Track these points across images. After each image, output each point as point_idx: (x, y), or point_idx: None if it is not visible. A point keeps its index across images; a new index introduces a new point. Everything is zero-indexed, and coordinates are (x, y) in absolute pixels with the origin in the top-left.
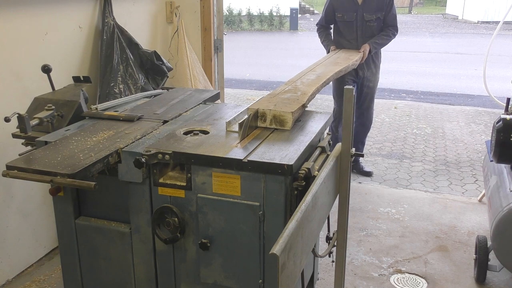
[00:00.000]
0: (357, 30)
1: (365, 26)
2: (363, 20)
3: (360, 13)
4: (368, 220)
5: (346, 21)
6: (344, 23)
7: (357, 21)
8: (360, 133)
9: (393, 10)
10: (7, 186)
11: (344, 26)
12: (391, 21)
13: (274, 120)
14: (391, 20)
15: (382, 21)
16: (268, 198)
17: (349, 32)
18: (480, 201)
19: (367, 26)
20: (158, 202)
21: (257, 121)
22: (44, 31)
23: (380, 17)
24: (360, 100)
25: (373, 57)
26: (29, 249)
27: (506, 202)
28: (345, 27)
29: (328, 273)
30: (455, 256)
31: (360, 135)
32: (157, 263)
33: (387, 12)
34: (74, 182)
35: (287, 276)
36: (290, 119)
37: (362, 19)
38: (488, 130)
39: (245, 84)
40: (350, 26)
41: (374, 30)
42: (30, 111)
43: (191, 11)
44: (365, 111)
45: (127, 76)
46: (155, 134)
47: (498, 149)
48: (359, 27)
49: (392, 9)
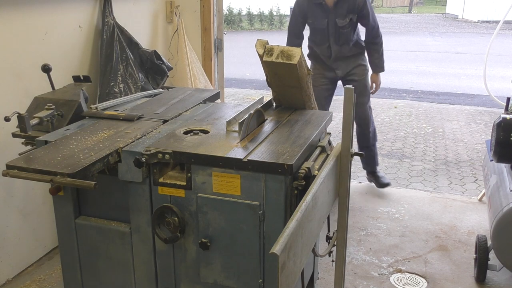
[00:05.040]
0: (329, 37)
1: (338, 33)
2: (336, 27)
3: (332, 20)
4: (368, 219)
5: (317, 28)
6: (315, 30)
7: (329, 28)
8: (359, 135)
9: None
10: (7, 185)
11: (314, 32)
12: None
13: (282, 55)
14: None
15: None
16: (268, 198)
17: (321, 39)
18: (480, 200)
19: (341, 33)
20: (158, 202)
21: (257, 121)
22: (44, 31)
23: (352, 19)
24: None
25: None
26: (29, 249)
27: (506, 201)
28: (316, 33)
29: (328, 273)
30: (455, 256)
31: (359, 137)
32: (157, 262)
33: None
34: (74, 182)
35: (287, 275)
36: (298, 54)
37: (334, 26)
38: (488, 129)
39: (245, 83)
40: (321, 33)
41: (348, 35)
42: (30, 110)
43: (191, 10)
44: (357, 109)
45: (127, 76)
46: (155, 134)
47: (498, 148)
48: (332, 34)
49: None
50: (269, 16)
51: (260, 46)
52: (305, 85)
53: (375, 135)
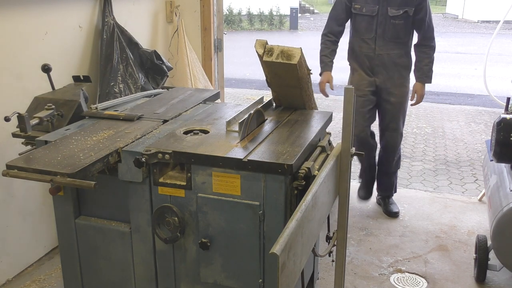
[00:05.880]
0: (377, 27)
1: (388, 24)
2: (386, 16)
3: (383, 7)
4: (368, 219)
5: (364, 15)
6: (362, 17)
7: (379, 16)
8: (381, 158)
9: (426, 7)
10: (7, 185)
11: (361, 21)
12: (425, 29)
13: (281, 55)
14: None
15: (412, 21)
16: (268, 198)
17: (367, 30)
18: (480, 200)
19: (391, 24)
20: (158, 202)
21: (257, 121)
22: (44, 31)
23: (408, 13)
24: (380, 117)
25: (398, 61)
26: (29, 249)
27: (506, 201)
28: (362, 22)
29: (328, 273)
30: (455, 256)
31: (381, 161)
32: (157, 262)
33: (418, 10)
34: (74, 182)
35: (287, 275)
36: (298, 54)
37: (385, 15)
38: (488, 129)
39: (245, 83)
40: (369, 22)
41: (400, 31)
42: (30, 110)
43: (191, 10)
44: (385, 132)
45: (127, 76)
46: (155, 134)
47: (498, 148)
48: (380, 24)
49: (424, 4)
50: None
51: (260, 46)
52: (305, 85)
53: (399, 161)
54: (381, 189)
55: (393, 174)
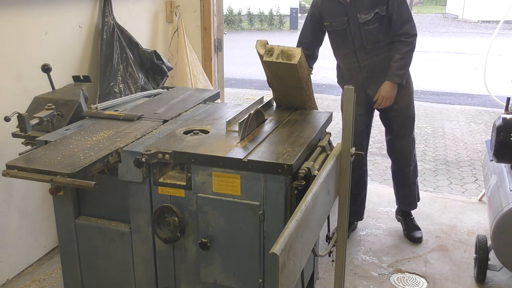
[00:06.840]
0: (353, 40)
1: (363, 32)
2: (358, 24)
3: (353, 15)
4: (368, 219)
5: (336, 31)
6: (335, 33)
7: (351, 27)
8: (396, 171)
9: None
10: (7, 185)
11: (335, 37)
12: (394, 22)
13: (282, 55)
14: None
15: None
16: (268, 198)
17: (344, 45)
18: (480, 200)
19: (366, 31)
20: (158, 202)
21: (257, 121)
22: (44, 31)
23: (380, 13)
24: (387, 127)
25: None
26: (29, 249)
27: (506, 201)
28: (337, 38)
29: (328, 273)
30: (455, 256)
31: (396, 174)
32: (157, 263)
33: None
34: (74, 182)
35: (287, 275)
36: (298, 54)
37: (356, 23)
38: (488, 129)
39: (245, 83)
40: (343, 36)
41: (378, 34)
42: (30, 110)
43: (191, 10)
44: (395, 141)
45: (127, 76)
46: (155, 134)
47: (498, 148)
48: (355, 35)
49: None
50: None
51: (261, 46)
52: (305, 85)
53: (416, 169)
54: (401, 202)
55: (413, 184)
